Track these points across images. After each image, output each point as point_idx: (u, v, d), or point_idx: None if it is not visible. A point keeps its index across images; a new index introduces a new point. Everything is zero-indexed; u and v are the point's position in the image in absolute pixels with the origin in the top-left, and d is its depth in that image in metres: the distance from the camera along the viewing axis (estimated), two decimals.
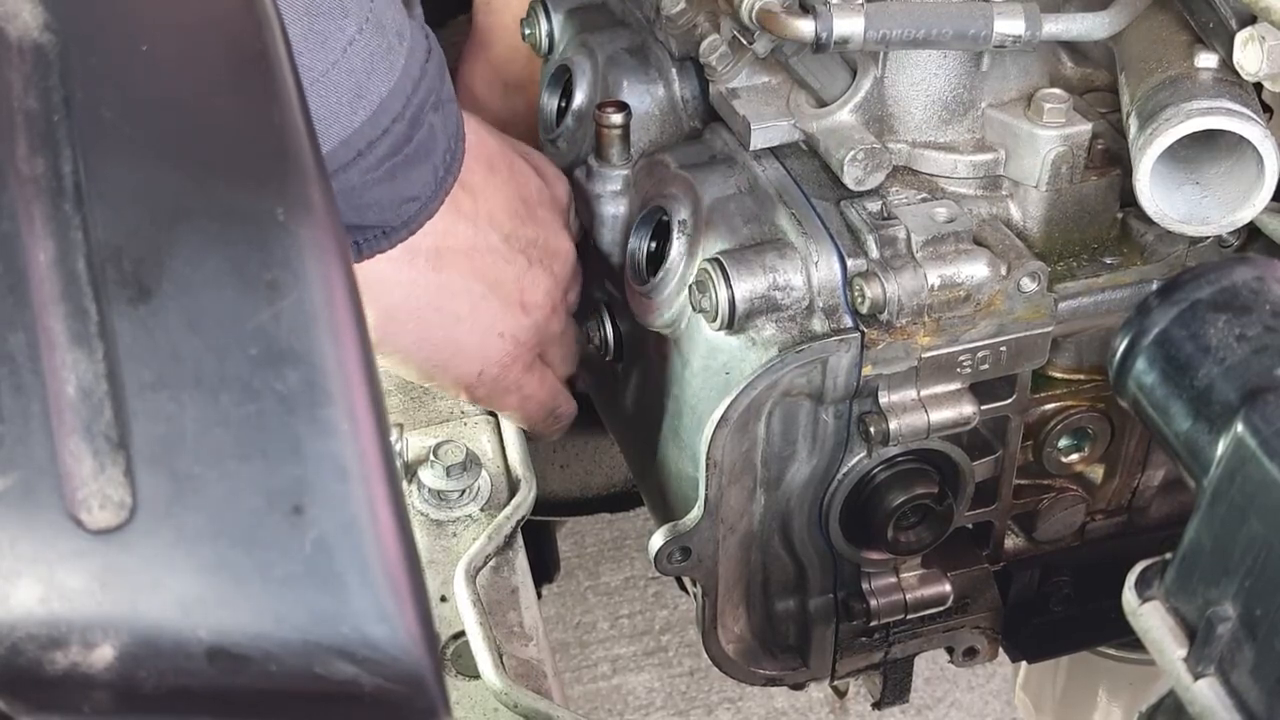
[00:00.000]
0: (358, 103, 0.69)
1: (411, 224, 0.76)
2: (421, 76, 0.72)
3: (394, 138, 0.72)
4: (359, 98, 0.69)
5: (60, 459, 0.38)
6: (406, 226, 0.76)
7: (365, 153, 0.71)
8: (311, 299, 0.41)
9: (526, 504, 0.89)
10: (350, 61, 0.68)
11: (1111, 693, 1.23)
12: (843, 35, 0.74)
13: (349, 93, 0.69)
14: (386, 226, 0.76)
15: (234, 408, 0.40)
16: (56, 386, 0.39)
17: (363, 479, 0.40)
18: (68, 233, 0.40)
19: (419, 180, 0.75)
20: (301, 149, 0.44)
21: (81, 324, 0.39)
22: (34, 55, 0.43)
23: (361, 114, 0.70)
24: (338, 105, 0.69)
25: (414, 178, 0.75)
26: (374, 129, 0.70)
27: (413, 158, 0.73)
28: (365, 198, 0.72)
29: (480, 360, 0.86)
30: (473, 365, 0.86)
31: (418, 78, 0.72)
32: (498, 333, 0.86)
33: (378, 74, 0.70)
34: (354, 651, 0.39)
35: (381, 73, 0.70)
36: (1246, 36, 0.70)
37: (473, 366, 0.87)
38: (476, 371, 0.87)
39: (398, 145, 0.72)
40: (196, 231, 0.41)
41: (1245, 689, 0.54)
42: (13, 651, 0.37)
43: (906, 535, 0.83)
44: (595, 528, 2.19)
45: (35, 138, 0.42)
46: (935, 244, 0.76)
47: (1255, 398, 0.55)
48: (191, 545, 0.39)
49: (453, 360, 0.86)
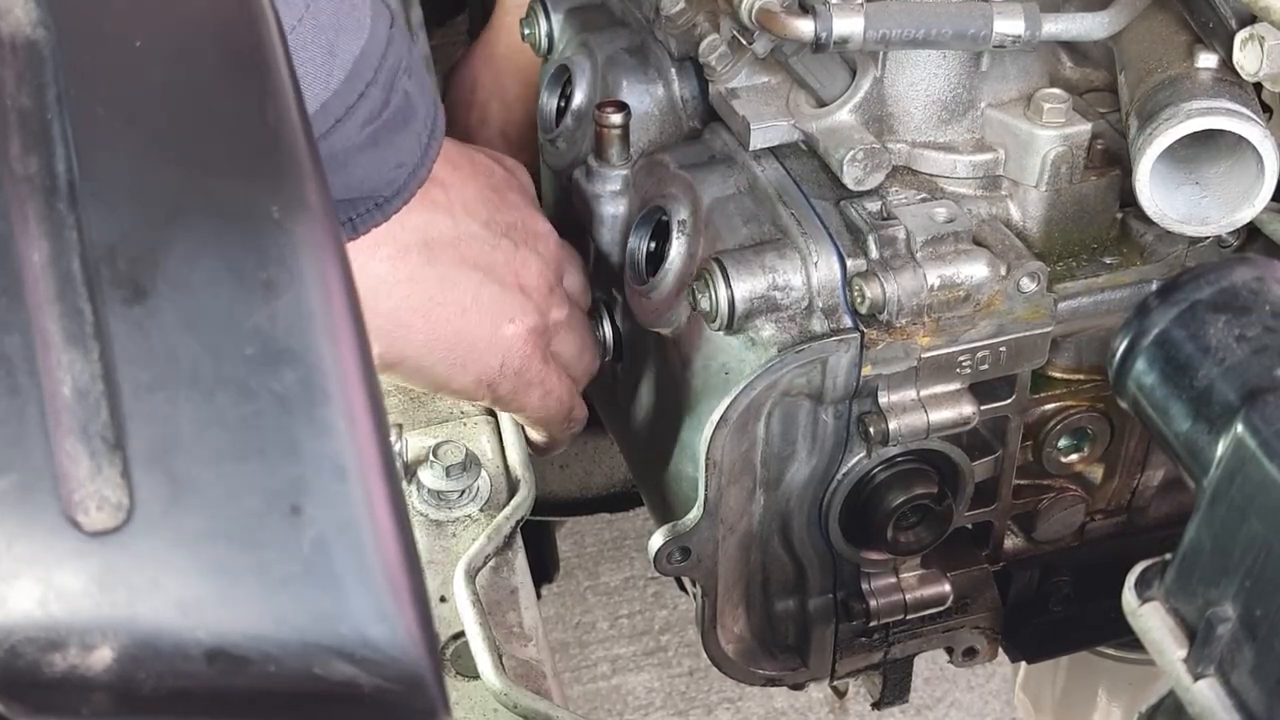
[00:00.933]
0: (331, 62, 0.69)
1: (404, 192, 0.76)
2: (389, 41, 0.72)
3: (372, 102, 0.71)
4: (332, 56, 0.68)
5: (57, 460, 0.38)
6: (399, 195, 0.76)
7: (345, 119, 0.70)
8: (308, 298, 0.41)
9: (526, 504, 0.89)
10: (317, 17, 0.68)
11: (1111, 693, 1.23)
12: (842, 35, 0.74)
13: (322, 50, 0.68)
14: (378, 197, 0.75)
15: (231, 408, 0.40)
16: (52, 387, 0.39)
17: (361, 479, 0.40)
18: (62, 232, 0.40)
19: (404, 146, 0.75)
20: (297, 146, 0.44)
21: (77, 324, 0.39)
22: (27, 52, 0.43)
23: (338, 75, 0.69)
24: (312, 65, 0.68)
25: (398, 144, 0.74)
26: (351, 92, 0.70)
27: (393, 123, 0.73)
28: (352, 167, 0.72)
29: (499, 351, 0.85)
30: (493, 359, 0.85)
31: (385, 41, 0.72)
32: (507, 319, 0.85)
33: (347, 32, 0.69)
34: (353, 652, 0.39)
35: (351, 30, 0.69)
36: (1246, 36, 0.70)
37: (493, 360, 0.85)
38: (498, 365, 0.86)
39: (376, 109, 0.72)
40: (192, 230, 0.41)
41: (1245, 689, 0.54)
42: (11, 654, 0.37)
43: (906, 535, 0.83)
44: (595, 528, 2.19)
45: (28, 136, 0.41)
46: (935, 244, 0.76)
47: (1255, 398, 0.55)
48: (189, 546, 0.39)
49: (470, 356, 0.85)
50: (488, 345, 0.85)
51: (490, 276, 0.84)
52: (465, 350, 0.84)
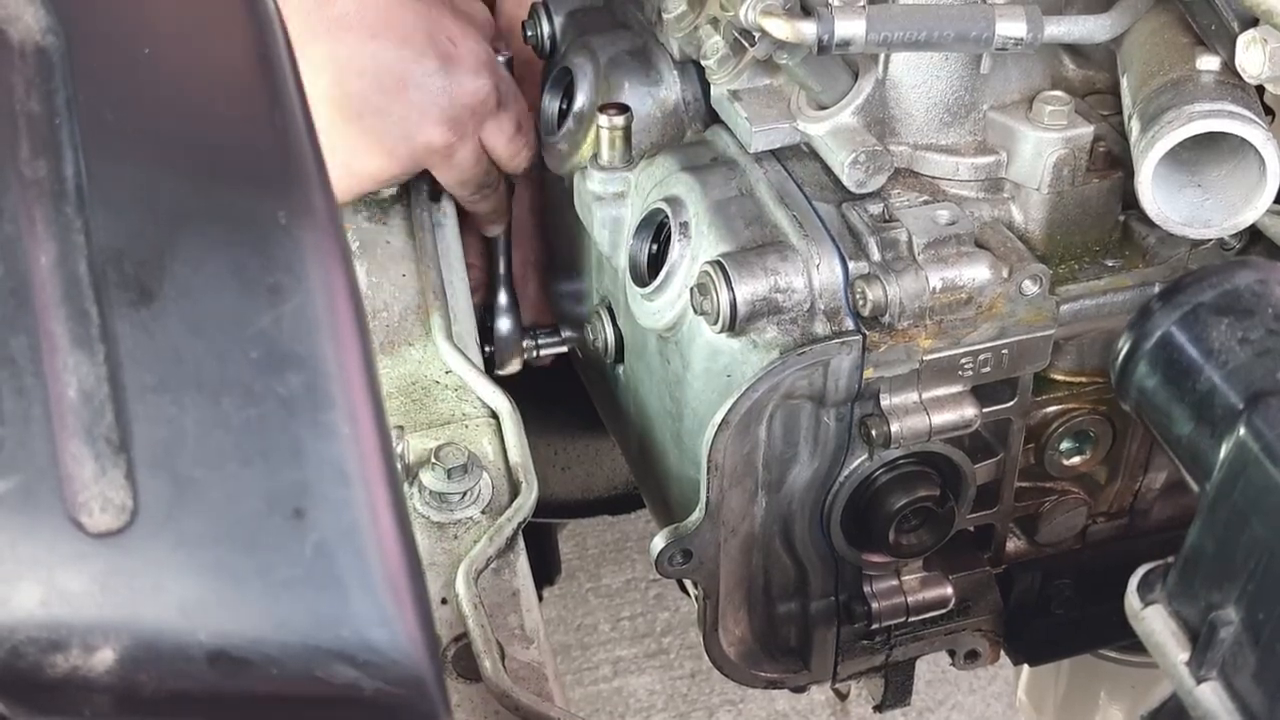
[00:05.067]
0: None
1: None
2: None
3: None
4: None
5: (61, 462, 0.38)
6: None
7: None
8: (313, 303, 0.41)
9: (528, 506, 0.89)
10: None
11: (1113, 696, 1.23)
12: (844, 38, 0.74)
13: None
14: None
15: (235, 411, 0.40)
16: (58, 389, 0.39)
17: (364, 482, 0.40)
18: (70, 236, 0.40)
19: None
20: (303, 152, 0.44)
21: (83, 327, 0.39)
22: (36, 58, 0.43)
23: None
24: None
25: None
26: None
27: None
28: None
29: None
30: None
31: None
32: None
33: None
34: (354, 655, 0.39)
35: None
36: (1248, 39, 0.70)
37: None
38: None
39: None
40: (198, 235, 0.41)
41: (1248, 693, 0.54)
42: (13, 654, 0.37)
43: (908, 538, 0.83)
44: (596, 530, 2.19)
45: (37, 141, 0.42)
46: (937, 246, 0.76)
47: (1258, 401, 0.55)
48: (192, 548, 0.39)
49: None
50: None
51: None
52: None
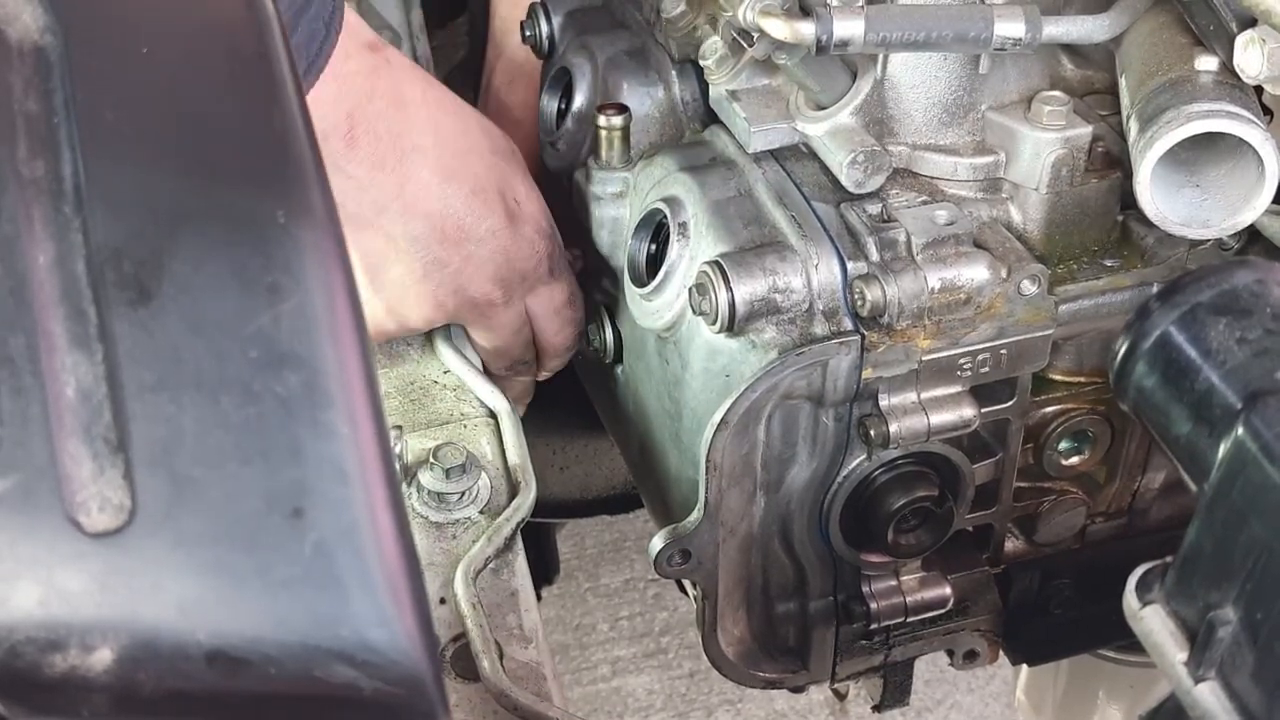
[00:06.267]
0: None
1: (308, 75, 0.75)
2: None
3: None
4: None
5: (60, 461, 0.38)
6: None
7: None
8: (312, 302, 0.41)
9: (526, 506, 0.89)
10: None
11: (1112, 696, 1.23)
12: (843, 38, 0.74)
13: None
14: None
15: (234, 410, 0.40)
16: (56, 389, 0.39)
17: (362, 482, 0.40)
18: (68, 235, 0.40)
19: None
20: (302, 152, 0.44)
21: (81, 326, 0.39)
22: (34, 58, 0.43)
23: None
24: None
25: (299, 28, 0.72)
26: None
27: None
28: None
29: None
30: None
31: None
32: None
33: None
34: (353, 655, 0.39)
35: None
36: (1247, 39, 0.70)
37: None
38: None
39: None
40: (197, 234, 0.41)
41: (1246, 692, 0.54)
42: (11, 654, 0.37)
43: (907, 538, 0.83)
44: (595, 529, 2.19)
45: (35, 140, 0.42)
46: (935, 247, 0.76)
47: (1256, 401, 0.55)
48: (191, 548, 0.39)
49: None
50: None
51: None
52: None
